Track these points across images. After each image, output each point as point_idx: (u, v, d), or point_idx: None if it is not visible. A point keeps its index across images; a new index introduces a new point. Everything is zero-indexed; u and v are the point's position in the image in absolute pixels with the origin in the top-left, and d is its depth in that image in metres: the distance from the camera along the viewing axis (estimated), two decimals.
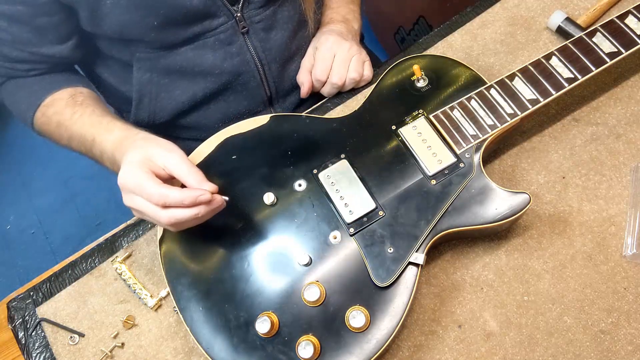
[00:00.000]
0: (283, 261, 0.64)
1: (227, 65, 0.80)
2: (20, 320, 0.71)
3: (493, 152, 0.74)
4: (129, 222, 0.76)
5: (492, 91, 0.69)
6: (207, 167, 0.69)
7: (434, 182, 0.66)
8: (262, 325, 0.60)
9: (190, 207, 0.59)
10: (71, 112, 0.74)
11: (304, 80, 0.84)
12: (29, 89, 0.78)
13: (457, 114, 0.69)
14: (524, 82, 0.69)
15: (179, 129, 0.89)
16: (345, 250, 0.64)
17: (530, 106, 0.68)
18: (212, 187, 0.61)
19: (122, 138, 0.68)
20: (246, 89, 0.84)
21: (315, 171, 0.69)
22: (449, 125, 0.69)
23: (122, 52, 0.77)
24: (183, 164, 0.61)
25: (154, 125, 0.85)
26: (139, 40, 0.74)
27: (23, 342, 0.69)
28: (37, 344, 0.69)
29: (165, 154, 0.62)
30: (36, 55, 0.74)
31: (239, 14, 0.76)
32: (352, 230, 0.64)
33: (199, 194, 0.59)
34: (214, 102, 0.85)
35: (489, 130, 0.67)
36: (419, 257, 0.62)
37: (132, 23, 0.71)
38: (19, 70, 0.77)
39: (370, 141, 0.70)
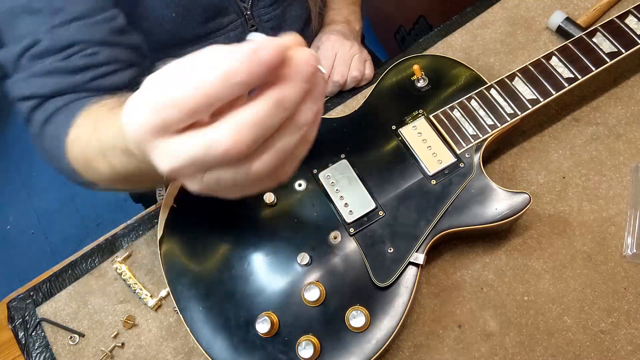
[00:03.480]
0: (283, 261, 0.64)
1: None
2: (20, 320, 0.71)
3: (493, 152, 0.74)
4: (129, 222, 0.76)
5: (492, 91, 0.69)
6: None
7: (434, 182, 0.66)
8: (262, 325, 0.60)
9: (260, 94, 0.33)
10: (109, 108, 0.53)
11: None
12: (69, 109, 0.59)
13: (457, 114, 0.69)
14: (524, 82, 0.69)
15: None
16: (346, 250, 0.64)
17: (530, 106, 0.68)
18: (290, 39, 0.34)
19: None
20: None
21: (315, 171, 0.69)
22: (449, 125, 0.69)
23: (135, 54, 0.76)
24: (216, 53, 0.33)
25: None
26: (154, 33, 0.73)
27: (23, 342, 0.69)
28: (37, 344, 0.69)
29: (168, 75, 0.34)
30: (91, 29, 0.61)
31: (248, 12, 0.76)
32: (352, 230, 0.64)
33: (278, 48, 0.31)
34: None
35: (489, 130, 0.67)
36: (419, 257, 0.62)
37: (152, 9, 0.70)
38: (75, 72, 0.60)
39: (370, 141, 0.70)
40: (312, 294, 0.61)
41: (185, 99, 0.31)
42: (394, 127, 0.71)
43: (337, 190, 0.67)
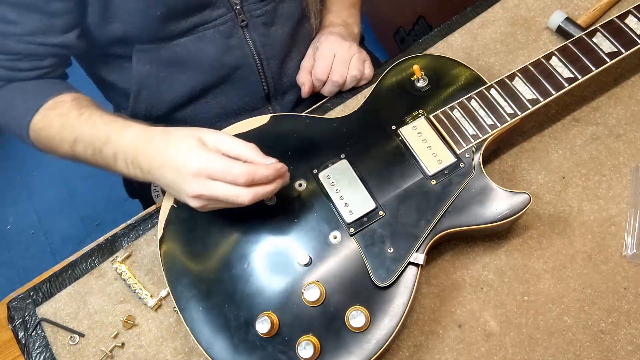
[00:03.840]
0: (283, 261, 0.64)
1: (227, 59, 0.80)
2: (20, 320, 0.71)
3: (493, 152, 0.74)
4: (129, 222, 0.76)
5: (492, 91, 0.69)
6: None
7: (434, 182, 0.66)
8: (262, 325, 0.60)
9: (271, 182, 0.60)
10: (78, 113, 0.69)
11: (305, 81, 0.84)
12: (26, 94, 0.74)
13: (457, 114, 0.69)
14: (524, 82, 0.69)
15: (176, 124, 0.88)
16: (345, 250, 0.64)
17: (530, 106, 0.68)
18: (275, 159, 0.61)
19: (144, 134, 0.64)
20: (245, 84, 0.84)
21: (315, 171, 0.69)
22: (449, 125, 0.69)
23: (122, 45, 0.77)
24: (240, 141, 0.61)
25: (151, 119, 0.85)
26: (140, 33, 0.74)
27: (23, 342, 0.69)
28: (37, 344, 0.69)
29: (216, 134, 0.61)
30: (42, 46, 0.71)
31: (238, 7, 0.76)
32: (352, 230, 0.64)
33: (280, 167, 0.60)
34: (213, 96, 0.85)
35: (489, 130, 0.67)
36: (419, 257, 0.62)
37: (137, 12, 0.70)
38: (21, 71, 0.73)
39: (370, 141, 0.70)
40: (312, 294, 0.61)
41: (241, 176, 0.58)
42: (394, 127, 0.71)
43: (337, 190, 0.67)
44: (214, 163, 0.58)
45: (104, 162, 0.67)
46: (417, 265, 0.62)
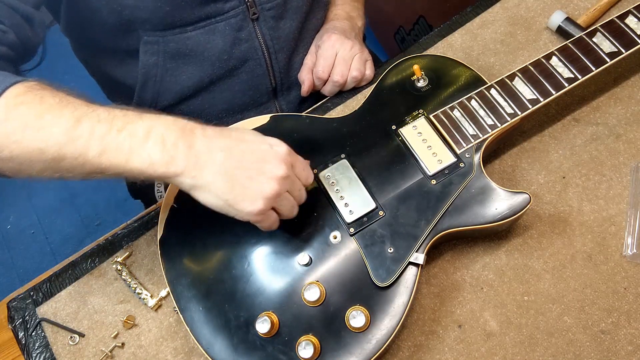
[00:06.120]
0: (283, 261, 0.64)
1: (235, 52, 0.80)
2: (20, 320, 0.71)
3: (493, 152, 0.74)
4: (129, 222, 0.76)
5: (492, 91, 0.69)
6: None
7: (434, 182, 0.66)
8: (262, 325, 0.60)
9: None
10: (82, 99, 0.57)
11: (305, 79, 0.84)
12: None
13: (457, 113, 0.69)
14: (524, 82, 0.69)
15: (182, 117, 0.88)
16: (346, 250, 0.64)
17: (530, 106, 0.68)
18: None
19: (183, 122, 0.58)
20: (252, 77, 0.84)
21: (315, 171, 0.69)
22: (449, 125, 0.69)
23: (128, 38, 0.76)
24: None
25: (157, 109, 0.84)
26: (150, 18, 0.73)
27: (23, 342, 0.69)
28: (37, 344, 0.69)
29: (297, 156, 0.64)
30: (9, 10, 0.63)
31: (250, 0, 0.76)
32: (352, 230, 0.64)
33: None
34: (219, 90, 0.85)
35: (489, 130, 0.67)
36: (419, 257, 0.62)
37: None
38: None
39: (370, 141, 0.70)
40: (312, 294, 0.61)
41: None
42: (394, 127, 0.71)
43: (337, 190, 0.67)
44: (299, 159, 0.62)
45: (119, 145, 0.54)
46: (417, 265, 0.62)
